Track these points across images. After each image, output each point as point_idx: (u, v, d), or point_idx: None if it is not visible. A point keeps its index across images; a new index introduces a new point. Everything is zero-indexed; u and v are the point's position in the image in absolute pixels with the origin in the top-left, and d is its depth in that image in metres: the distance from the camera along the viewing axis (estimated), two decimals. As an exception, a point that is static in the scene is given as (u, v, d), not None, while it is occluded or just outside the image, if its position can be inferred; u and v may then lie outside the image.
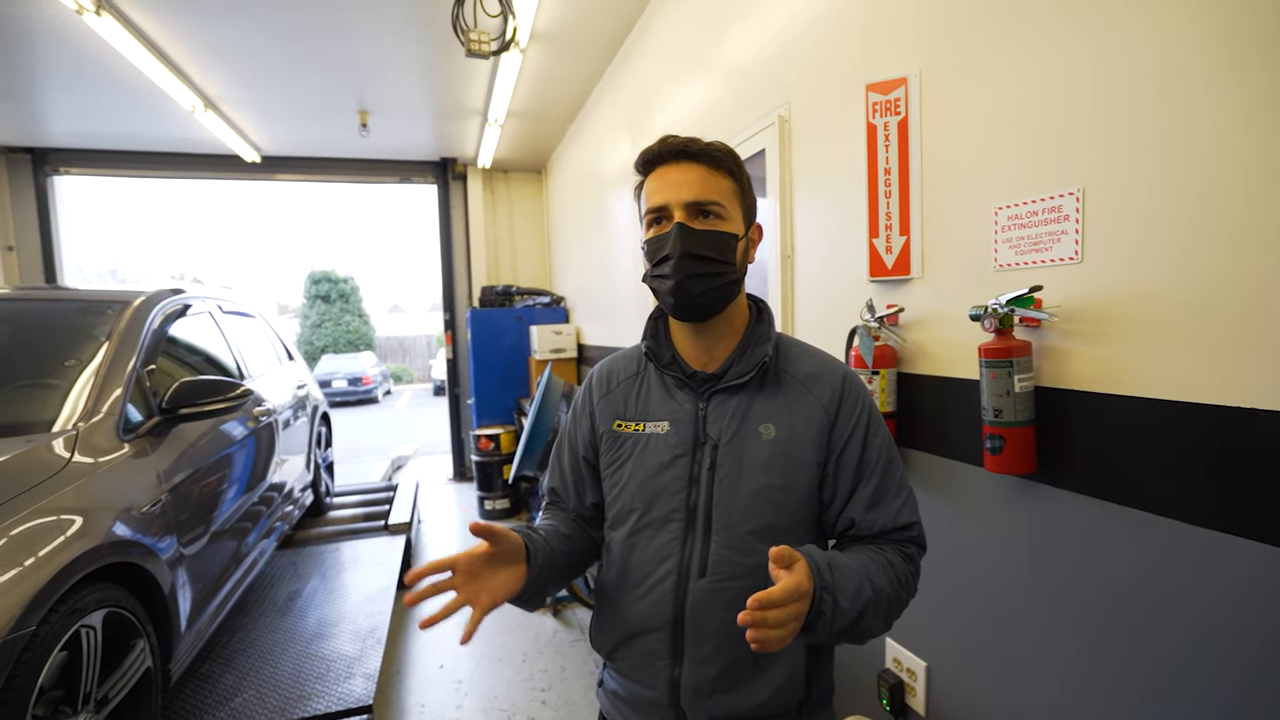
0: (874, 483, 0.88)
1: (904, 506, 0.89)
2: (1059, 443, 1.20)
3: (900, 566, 0.86)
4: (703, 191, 0.86)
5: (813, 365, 0.93)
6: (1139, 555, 1.08)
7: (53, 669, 1.35)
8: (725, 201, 0.87)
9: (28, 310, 2.30)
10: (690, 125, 2.83)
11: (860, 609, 0.77)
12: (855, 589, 0.77)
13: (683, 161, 0.87)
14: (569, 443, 1.05)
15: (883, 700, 1.69)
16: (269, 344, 3.66)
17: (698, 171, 0.86)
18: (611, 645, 0.95)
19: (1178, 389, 1.00)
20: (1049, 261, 1.19)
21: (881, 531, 0.89)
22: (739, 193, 0.90)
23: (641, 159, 0.91)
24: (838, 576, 0.76)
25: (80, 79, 3.87)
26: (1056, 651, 1.25)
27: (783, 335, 0.98)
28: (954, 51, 1.40)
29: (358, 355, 18.77)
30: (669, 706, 0.89)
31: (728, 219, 0.87)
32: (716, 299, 0.88)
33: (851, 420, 0.89)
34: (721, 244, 0.86)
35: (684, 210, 0.86)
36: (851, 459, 0.88)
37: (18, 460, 1.53)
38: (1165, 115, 0.99)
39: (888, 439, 0.92)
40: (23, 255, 5.35)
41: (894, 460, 0.91)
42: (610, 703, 0.98)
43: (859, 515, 0.88)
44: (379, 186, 6.34)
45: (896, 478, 0.90)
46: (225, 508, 2.30)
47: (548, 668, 2.81)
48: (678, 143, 0.88)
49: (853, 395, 0.91)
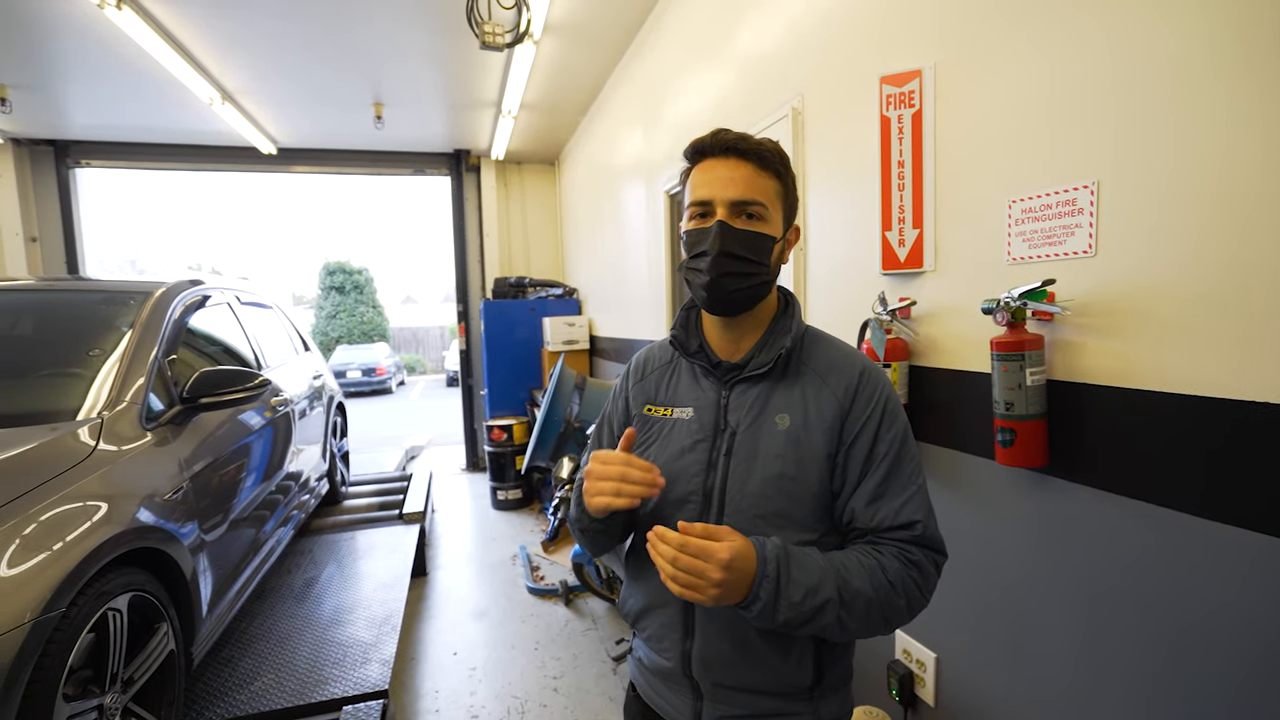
0: (879, 476, 0.88)
1: (908, 504, 0.87)
2: (1071, 436, 1.20)
3: (895, 571, 0.83)
4: (748, 191, 0.87)
5: (832, 357, 0.94)
6: (1151, 549, 1.08)
7: (82, 650, 1.38)
8: (768, 203, 0.88)
9: (52, 301, 2.35)
10: (703, 117, 2.82)
11: (817, 606, 0.78)
12: (811, 585, 0.78)
13: (732, 158, 0.88)
14: (608, 424, 1.10)
15: (892, 691, 1.70)
16: (285, 335, 3.70)
17: (745, 170, 0.87)
18: (635, 615, 1.01)
19: (1192, 383, 0.99)
20: (1062, 255, 1.18)
21: (881, 527, 0.87)
22: (782, 194, 0.91)
23: (692, 148, 0.92)
24: (793, 570, 0.78)
25: (101, 72, 3.92)
26: (1067, 644, 1.25)
27: (811, 328, 0.99)
28: (968, 44, 1.39)
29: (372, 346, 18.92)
30: (683, 676, 0.94)
31: (768, 220, 0.89)
32: (748, 297, 0.91)
33: (865, 413, 0.89)
34: (759, 245, 0.88)
35: (727, 208, 0.87)
36: (861, 451, 0.88)
37: (45, 448, 1.57)
38: (1183, 106, 0.98)
39: (903, 436, 0.90)
40: (45, 246, 5.44)
41: (906, 457, 0.89)
42: (638, 669, 1.05)
43: (860, 507, 0.88)
44: (393, 178, 6.38)
45: (905, 474, 0.88)
46: (244, 495, 2.34)
47: (560, 656, 2.85)
48: (730, 138, 0.88)
49: (869, 388, 0.90)
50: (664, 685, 0.99)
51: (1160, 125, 1.02)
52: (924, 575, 0.86)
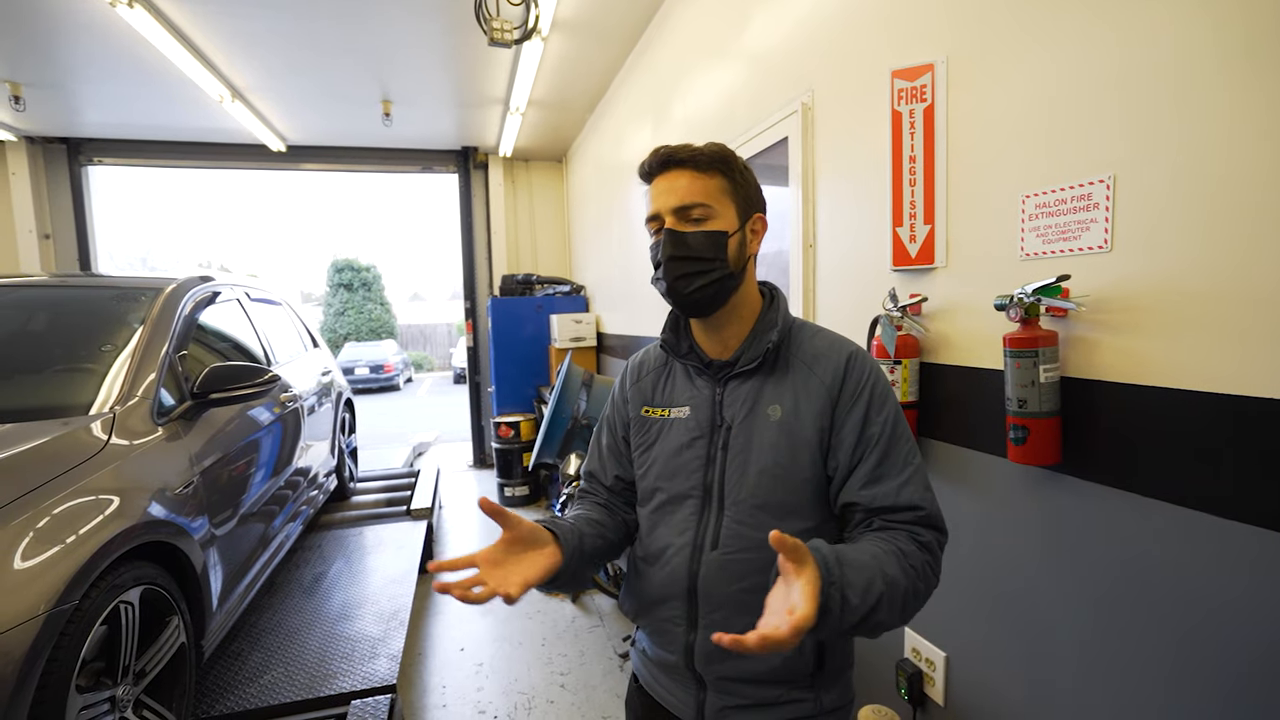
0: (874, 459, 0.88)
1: (906, 485, 0.87)
2: (1085, 434, 1.18)
3: (914, 555, 0.83)
4: (689, 195, 0.90)
5: (819, 346, 0.95)
6: (1166, 549, 1.06)
7: (94, 642, 1.40)
8: (713, 201, 0.91)
9: (65, 297, 2.37)
10: (711, 114, 2.81)
11: (872, 604, 0.74)
12: (866, 584, 0.74)
13: (671, 170, 0.92)
14: (608, 426, 1.12)
15: (900, 690, 1.69)
16: (294, 331, 3.72)
17: (685, 177, 0.91)
18: (636, 611, 1.02)
19: (1210, 380, 0.98)
20: (1077, 250, 1.17)
21: (882, 509, 0.87)
22: (731, 189, 0.92)
23: (641, 172, 0.96)
24: (847, 572, 0.73)
25: (113, 70, 3.95)
26: (1079, 645, 1.24)
27: (798, 320, 1.01)
28: (982, 36, 1.37)
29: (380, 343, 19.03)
30: (686, 669, 0.95)
31: (718, 217, 0.91)
32: (710, 295, 0.92)
33: (854, 397, 0.90)
34: (710, 242, 0.90)
35: (673, 215, 0.91)
36: (850, 435, 0.89)
37: (58, 442, 1.59)
38: (1200, 97, 0.96)
39: (894, 418, 0.90)
40: (59, 243, 5.49)
41: (899, 438, 0.89)
42: (641, 661, 1.06)
43: (857, 491, 0.88)
44: (401, 176, 6.39)
45: (900, 456, 0.89)
46: (254, 490, 2.35)
47: (567, 652, 2.85)
48: (665, 152, 0.92)
49: (857, 373, 0.91)
50: (667, 677, 1.00)
51: (1178, 117, 1.00)
52: (933, 556, 0.86)
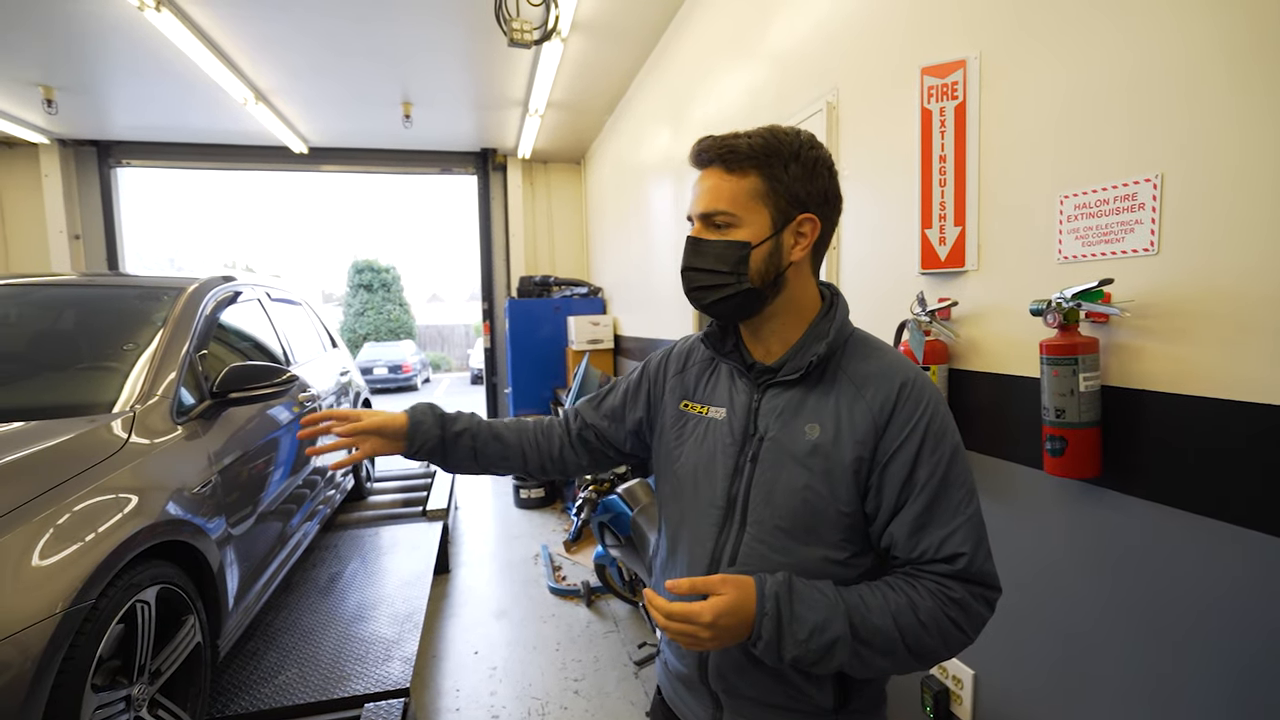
0: (920, 504, 0.80)
1: (953, 535, 0.79)
2: (1127, 446, 1.13)
3: (929, 610, 0.77)
4: (714, 201, 0.84)
5: (873, 367, 0.86)
6: (1215, 568, 1.01)
7: (111, 640, 1.39)
8: (738, 208, 0.83)
9: (91, 295, 2.39)
10: (733, 114, 2.77)
11: (826, 644, 0.75)
12: (817, 624, 0.75)
13: (704, 167, 0.86)
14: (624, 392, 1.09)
15: (926, 708, 1.64)
16: (314, 331, 3.74)
17: (714, 178, 0.85)
18: None
19: (1262, 391, 0.92)
20: (1120, 253, 1.12)
21: (923, 559, 0.80)
22: (766, 191, 0.83)
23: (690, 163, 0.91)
24: (796, 606, 0.75)
25: (140, 73, 4.02)
26: (1118, 666, 1.18)
27: (859, 332, 0.92)
28: (1017, 30, 1.32)
29: (398, 343, 19.18)
30: (701, 684, 0.92)
31: (740, 226, 0.83)
32: (729, 308, 0.87)
33: (904, 432, 0.81)
34: (726, 255, 0.84)
35: (700, 222, 0.86)
36: (897, 475, 0.80)
37: (80, 439, 1.59)
38: (1257, 91, 0.91)
39: (950, 460, 0.81)
40: (88, 244, 5.61)
41: (952, 484, 0.80)
42: (664, 673, 1.04)
43: (901, 537, 0.81)
44: (421, 177, 6.44)
45: (952, 503, 0.80)
46: (271, 490, 2.36)
47: (581, 658, 2.82)
48: (702, 145, 0.85)
49: (910, 405, 0.82)
50: (686, 691, 0.97)
51: (1231, 112, 0.95)
52: (966, 613, 0.78)
